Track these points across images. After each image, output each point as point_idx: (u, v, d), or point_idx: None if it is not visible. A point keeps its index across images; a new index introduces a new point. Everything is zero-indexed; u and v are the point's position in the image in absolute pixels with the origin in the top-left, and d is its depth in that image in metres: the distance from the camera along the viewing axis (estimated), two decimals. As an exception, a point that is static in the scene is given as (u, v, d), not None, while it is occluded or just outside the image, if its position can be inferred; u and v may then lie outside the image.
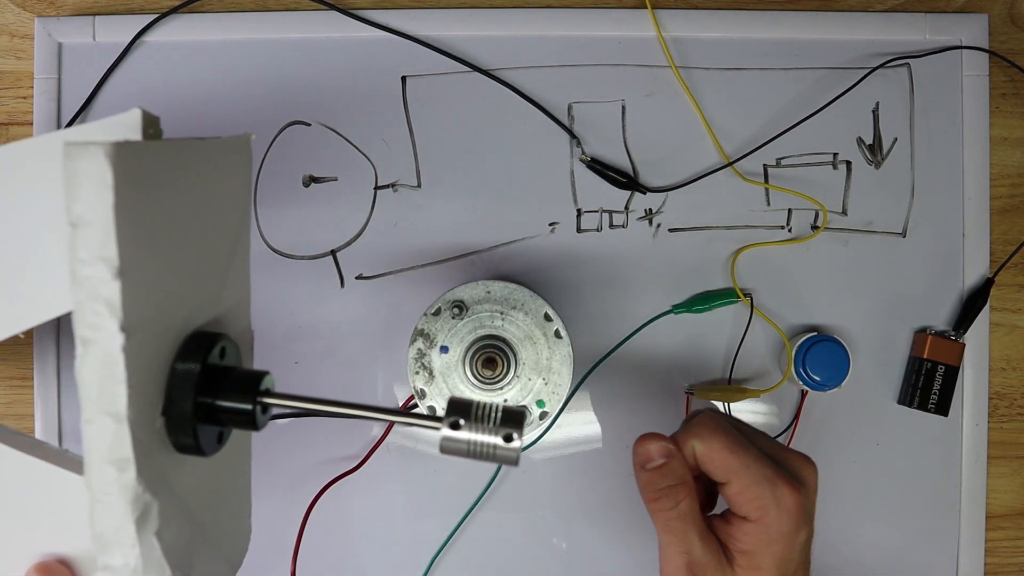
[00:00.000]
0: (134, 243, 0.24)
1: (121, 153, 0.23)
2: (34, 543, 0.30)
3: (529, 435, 0.50)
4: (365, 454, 0.55)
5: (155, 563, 0.26)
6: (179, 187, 0.27)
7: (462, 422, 0.28)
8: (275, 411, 0.31)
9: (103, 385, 0.24)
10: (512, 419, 0.29)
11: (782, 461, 0.41)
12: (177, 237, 0.28)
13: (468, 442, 0.28)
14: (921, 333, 0.56)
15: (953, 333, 0.56)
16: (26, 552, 0.30)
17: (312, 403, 0.29)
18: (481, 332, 0.50)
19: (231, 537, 0.33)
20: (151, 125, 0.30)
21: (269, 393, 0.29)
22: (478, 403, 0.29)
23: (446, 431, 0.28)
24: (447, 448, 0.29)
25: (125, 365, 0.24)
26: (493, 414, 0.29)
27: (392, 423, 0.30)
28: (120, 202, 0.23)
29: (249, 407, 0.29)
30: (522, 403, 0.50)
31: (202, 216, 0.30)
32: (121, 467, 0.25)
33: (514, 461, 0.29)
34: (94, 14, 0.56)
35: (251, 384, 0.29)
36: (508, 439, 0.28)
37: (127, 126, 0.29)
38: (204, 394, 0.28)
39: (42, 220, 0.30)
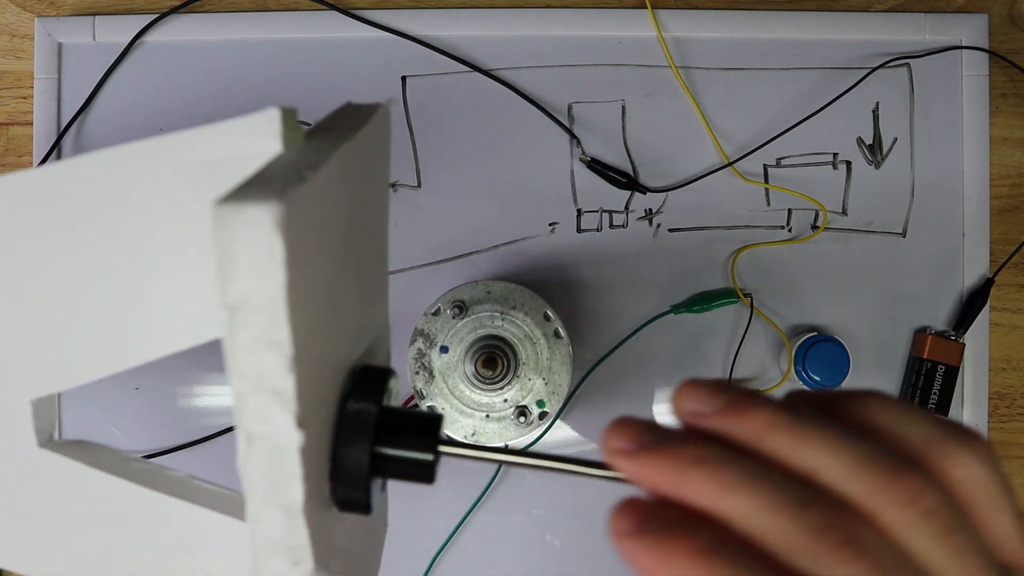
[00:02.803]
0: (304, 312, 0.19)
1: (292, 214, 0.18)
2: None
3: (529, 435, 0.50)
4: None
5: None
6: (336, 206, 0.23)
7: None
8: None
9: (273, 481, 0.20)
10: None
11: None
12: (336, 269, 0.23)
13: None
14: (921, 333, 0.56)
15: (953, 333, 0.56)
16: None
17: (495, 452, 0.25)
18: (481, 332, 0.50)
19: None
20: (289, 122, 0.24)
21: (448, 441, 0.25)
22: None
23: None
24: None
25: (302, 462, 0.20)
26: None
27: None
28: (293, 275, 0.18)
29: (430, 458, 0.24)
30: (522, 403, 0.50)
31: (354, 228, 0.25)
32: (295, 559, 0.21)
33: None
34: (94, 14, 0.56)
35: (430, 429, 0.25)
36: None
37: (264, 129, 0.23)
38: (380, 443, 0.24)
39: (156, 235, 0.24)
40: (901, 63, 0.57)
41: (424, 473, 0.25)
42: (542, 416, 0.50)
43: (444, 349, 0.50)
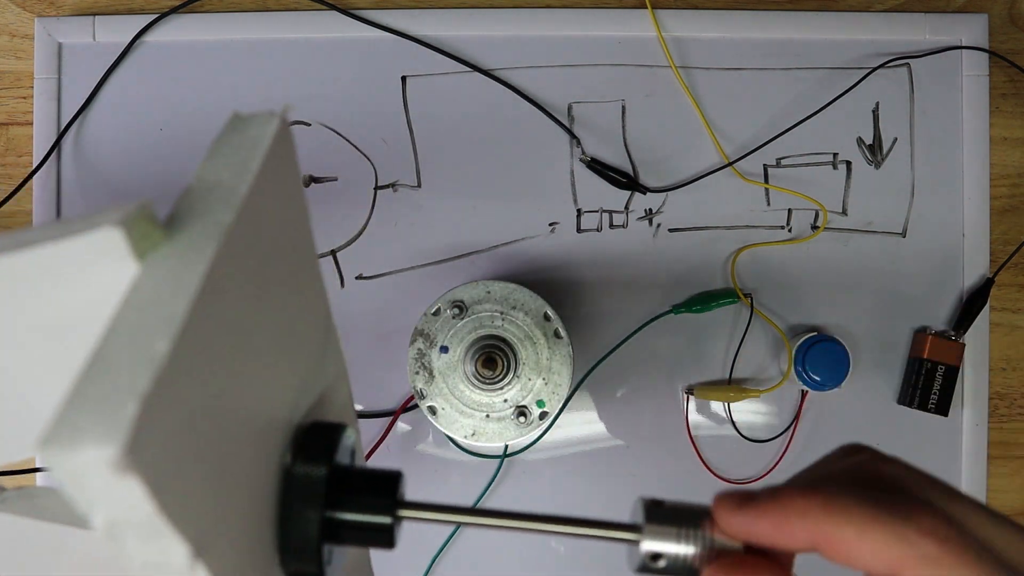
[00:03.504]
0: (198, 486, 0.17)
1: (143, 440, 0.15)
2: None
3: (529, 435, 0.50)
4: (365, 454, 0.55)
5: None
6: (226, 307, 0.19)
7: (660, 550, 0.22)
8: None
9: None
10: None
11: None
12: (245, 360, 0.20)
13: (671, 558, 0.22)
14: (921, 333, 0.56)
15: (953, 333, 0.56)
16: None
17: (462, 514, 0.23)
18: (481, 332, 0.50)
19: None
20: (140, 230, 0.18)
21: (408, 504, 0.23)
22: (680, 508, 0.23)
23: (647, 553, 0.22)
24: (643, 568, 0.23)
25: None
26: (699, 522, 0.23)
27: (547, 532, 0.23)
28: (166, 488, 0.15)
29: (387, 521, 0.22)
30: (522, 403, 0.50)
31: (266, 296, 0.21)
32: None
33: None
34: (94, 14, 0.56)
35: (387, 490, 0.23)
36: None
37: (108, 251, 0.18)
38: (332, 507, 0.22)
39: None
40: (901, 63, 0.57)
41: (382, 537, 0.22)
42: (542, 416, 0.50)
43: (444, 349, 0.50)
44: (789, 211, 0.57)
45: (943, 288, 0.57)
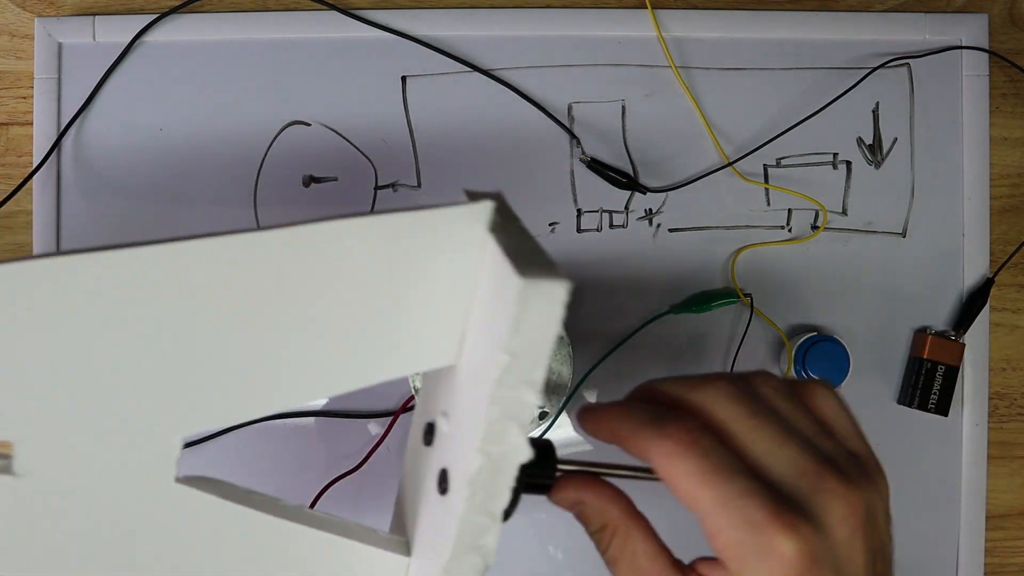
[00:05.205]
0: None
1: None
2: None
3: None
4: (365, 454, 0.55)
5: None
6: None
7: None
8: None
9: (490, 493, 0.26)
10: None
11: (808, 486, 0.29)
12: None
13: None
14: (921, 333, 0.56)
15: (953, 333, 0.56)
16: None
17: (605, 468, 0.30)
18: (481, 332, 0.50)
19: None
20: (501, 207, 0.28)
21: (564, 461, 0.30)
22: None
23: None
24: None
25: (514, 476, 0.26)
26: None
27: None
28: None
29: (549, 481, 0.31)
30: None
31: None
32: (484, 555, 0.27)
33: None
34: (94, 14, 0.56)
35: (549, 454, 0.30)
36: None
37: (475, 217, 0.28)
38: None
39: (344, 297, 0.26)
40: (901, 63, 0.57)
41: (542, 487, 0.31)
42: (542, 416, 0.50)
43: (444, 349, 0.50)
44: (789, 211, 0.57)
45: (943, 288, 0.57)
